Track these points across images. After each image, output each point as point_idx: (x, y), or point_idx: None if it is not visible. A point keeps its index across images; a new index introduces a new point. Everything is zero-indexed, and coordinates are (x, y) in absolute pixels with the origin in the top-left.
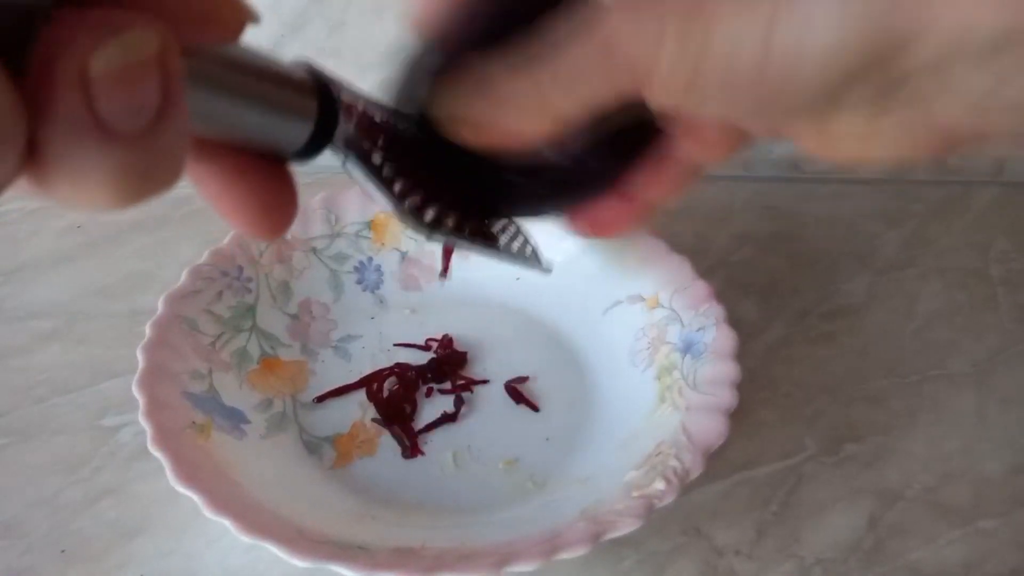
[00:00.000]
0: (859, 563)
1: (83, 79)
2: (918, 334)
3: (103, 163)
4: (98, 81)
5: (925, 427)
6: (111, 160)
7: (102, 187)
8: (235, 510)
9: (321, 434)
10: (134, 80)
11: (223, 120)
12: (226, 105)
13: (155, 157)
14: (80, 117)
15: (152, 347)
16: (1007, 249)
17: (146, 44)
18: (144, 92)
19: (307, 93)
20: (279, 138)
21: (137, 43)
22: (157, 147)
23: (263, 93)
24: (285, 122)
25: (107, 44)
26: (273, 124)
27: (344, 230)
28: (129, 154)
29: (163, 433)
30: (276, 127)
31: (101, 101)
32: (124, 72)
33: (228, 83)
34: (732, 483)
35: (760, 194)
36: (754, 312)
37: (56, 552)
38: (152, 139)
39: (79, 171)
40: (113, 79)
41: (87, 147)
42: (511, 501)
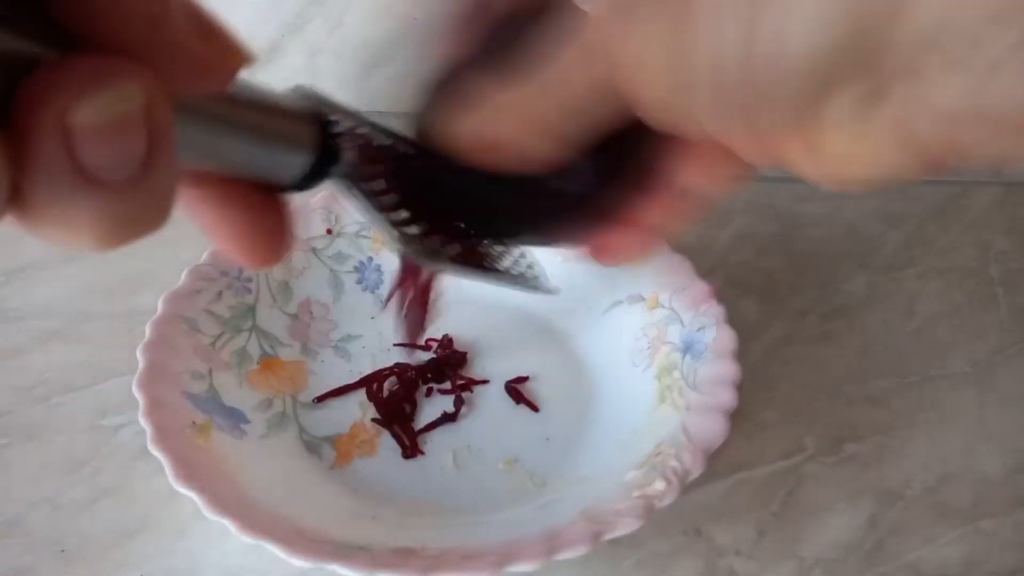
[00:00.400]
0: (859, 563)
1: (65, 131)
2: (918, 334)
3: (87, 210)
4: (79, 132)
5: (925, 427)
6: (95, 207)
7: (86, 232)
8: (235, 510)
9: (321, 434)
10: (118, 133)
11: (217, 155)
12: (221, 141)
13: (141, 203)
14: (62, 167)
15: (152, 347)
16: (1006, 249)
17: (131, 98)
18: (128, 145)
19: (305, 127)
20: (276, 171)
21: (122, 97)
22: (143, 194)
23: (259, 128)
24: (282, 156)
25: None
26: (270, 158)
27: (344, 230)
28: (114, 202)
29: (163, 433)
30: (273, 161)
31: (84, 152)
32: (106, 126)
33: (223, 119)
34: (732, 483)
35: (760, 194)
36: (754, 312)
37: (56, 552)
38: (137, 187)
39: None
40: (95, 132)
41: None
42: (511, 501)
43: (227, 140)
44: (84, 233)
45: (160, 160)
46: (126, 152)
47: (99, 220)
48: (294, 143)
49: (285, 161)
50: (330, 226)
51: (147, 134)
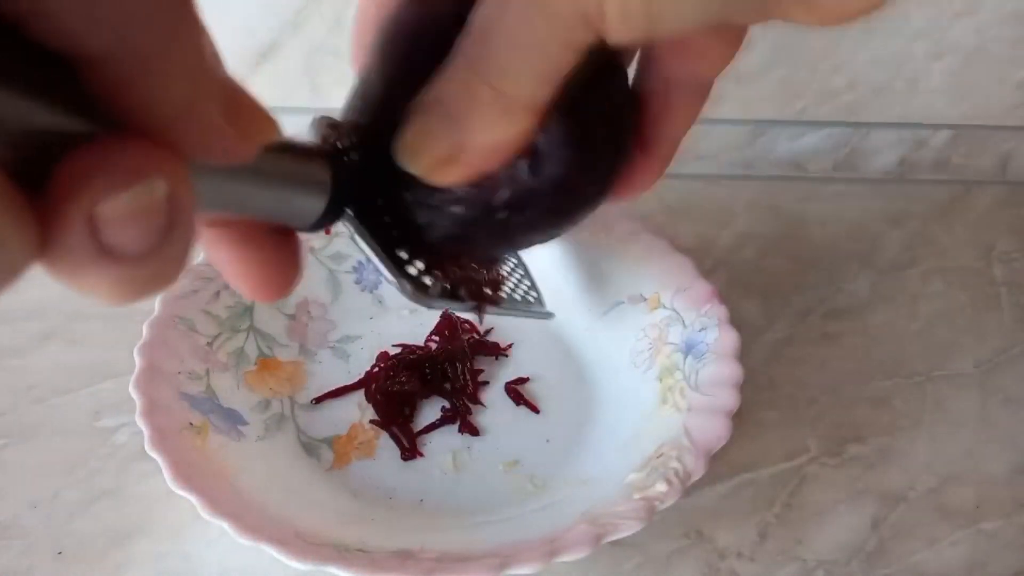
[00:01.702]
0: (862, 565)
1: (89, 218)
2: (921, 334)
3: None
4: (104, 220)
5: (928, 428)
6: (113, 275)
7: (105, 292)
8: (233, 512)
9: (319, 435)
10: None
11: (235, 205)
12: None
13: (158, 269)
14: (84, 246)
15: (149, 348)
16: (1009, 249)
17: (155, 191)
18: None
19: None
20: (292, 215)
21: (145, 192)
22: (159, 262)
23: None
24: (299, 202)
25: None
26: (287, 205)
27: (342, 230)
28: (131, 270)
29: (160, 434)
30: (290, 207)
31: (106, 235)
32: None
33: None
34: (734, 485)
35: (762, 194)
36: (756, 312)
37: (53, 553)
38: (155, 257)
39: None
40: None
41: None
42: (511, 503)
43: (244, 192)
44: (100, 294)
45: (178, 233)
46: (146, 234)
47: (115, 285)
48: (310, 189)
49: (301, 206)
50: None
51: (168, 218)
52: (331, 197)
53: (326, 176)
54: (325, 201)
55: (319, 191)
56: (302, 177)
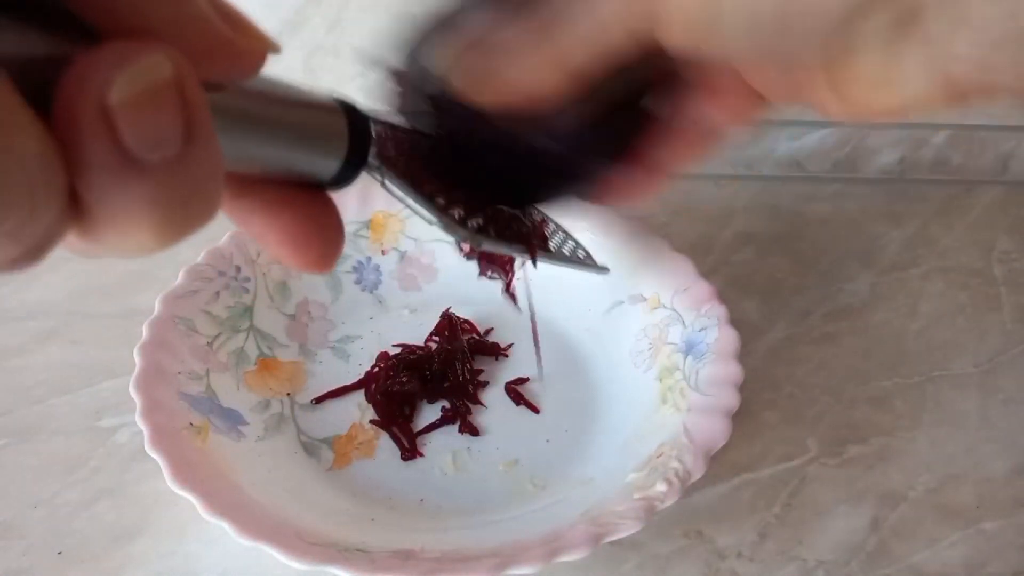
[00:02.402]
0: (862, 565)
1: (103, 112)
2: (921, 334)
3: (139, 197)
4: (117, 112)
5: (928, 428)
6: (146, 194)
7: (143, 225)
8: (233, 512)
9: (319, 435)
10: (152, 106)
11: (254, 153)
12: (256, 137)
13: (190, 187)
14: (108, 153)
15: (149, 348)
16: (1010, 249)
17: (158, 69)
18: (166, 118)
19: (336, 119)
20: (313, 166)
21: (149, 70)
22: (189, 176)
23: (292, 123)
24: (317, 150)
25: (120, 75)
26: (305, 153)
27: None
28: (163, 186)
29: (160, 434)
30: (309, 156)
31: (124, 132)
32: (141, 100)
33: (255, 115)
34: (734, 485)
35: (762, 194)
36: (756, 312)
37: (53, 553)
38: (183, 168)
39: (118, 212)
40: (132, 108)
41: (120, 184)
42: (511, 503)
43: (262, 137)
44: (140, 227)
45: (199, 138)
46: (164, 127)
47: (152, 209)
48: (328, 136)
49: (320, 155)
50: None
51: (183, 110)
52: (350, 146)
53: (342, 123)
54: (343, 150)
55: (337, 136)
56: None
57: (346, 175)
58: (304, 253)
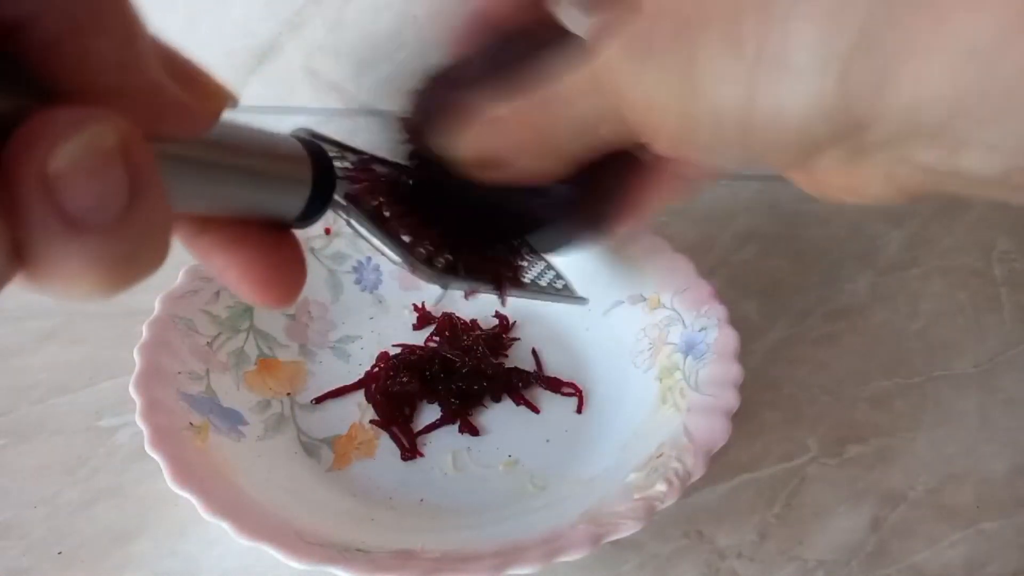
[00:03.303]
0: (862, 565)
1: (44, 179)
2: (921, 334)
3: (81, 255)
4: (58, 179)
5: (928, 428)
6: (88, 252)
7: (85, 279)
8: (233, 512)
9: (319, 436)
10: (94, 174)
11: (213, 197)
12: (215, 183)
13: (134, 244)
14: (49, 216)
15: (149, 348)
16: (1009, 249)
17: (103, 138)
18: (109, 184)
19: (300, 163)
20: (275, 208)
21: (93, 139)
22: (134, 234)
23: (253, 167)
24: (279, 193)
25: (64, 145)
26: (266, 196)
27: (343, 230)
28: (106, 244)
29: (160, 434)
30: (270, 198)
31: (65, 197)
32: (83, 167)
33: (214, 162)
34: (734, 485)
35: (762, 193)
36: (756, 312)
37: (53, 554)
38: (126, 226)
39: (61, 266)
40: (73, 176)
41: (62, 242)
42: (511, 503)
43: (220, 182)
44: (83, 280)
45: (144, 197)
46: (107, 193)
47: (92, 266)
48: (290, 179)
49: (282, 197)
50: (328, 226)
51: (127, 173)
52: (313, 188)
53: (306, 164)
54: (305, 193)
55: (299, 178)
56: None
57: (309, 215)
58: (264, 290)
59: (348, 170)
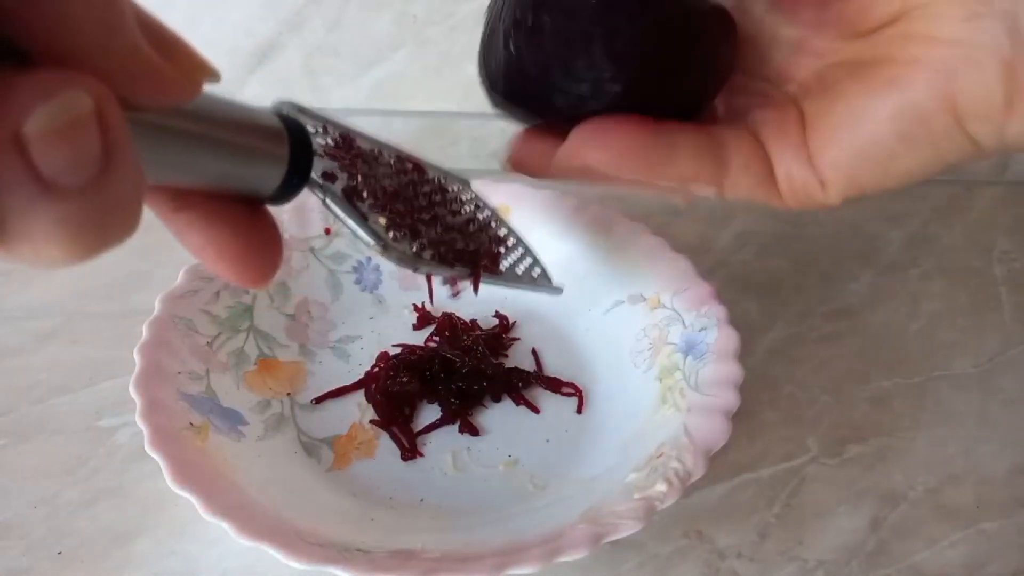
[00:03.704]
0: (862, 565)
1: (17, 141)
2: (921, 334)
3: (52, 219)
4: (32, 142)
5: (928, 428)
6: (60, 216)
7: (56, 244)
8: (233, 512)
9: (319, 436)
10: (68, 137)
11: (187, 169)
12: (191, 154)
13: (106, 209)
14: (21, 177)
15: (149, 348)
16: (1009, 249)
17: (77, 104)
18: (83, 148)
19: (277, 139)
20: (252, 183)
21: (68, 104)
22: (106, 199)
23: (230, 141)
24: (256, 168)
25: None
26: (242, 170)
27: (342, 230)
28: (78, 207)
29: (160, 434)
30: (246, 172)
31: (38, 160)
32: (57, 131)
33: (191, 133)
34: (734, 485)
35: None
36: (756, 312)
37: (53, 553)
38: (99, 191)
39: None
40: (48, 139)
41: (33, 206)
42: (511, 503)
43: (196, 153)
44: (53, 246)
45: (117, 162)
46: (80, 156)
47: (63, 230)
48: (266, 155)
49: (259, 171)
50: (329, 225)
51: (100, 137)
52: (290, 165)
53: (283, 141)
54: (282, 169)
55: (277, 155)
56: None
57: (286, 192)
58: (242, 269)
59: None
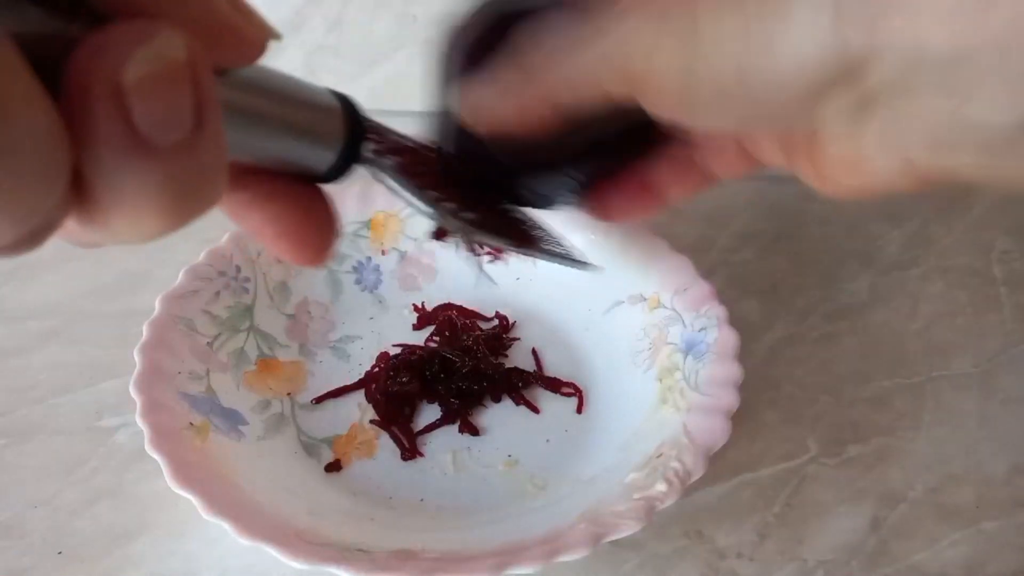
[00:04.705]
0: (861, 565)
1: (117, 91)
2: (921, 334)
3: (147, 181)
4: (132, 91)
5: (928, 428)
6: (154, 177)
7: (149, 207)
8: (233, 512)
9: (319, 435)
10: (167, 87)
11: (251, 143)
12: (253, 128)
13: (198, 171)
14: (119, 131)
15: (149, 348)
16: (1009, 249)
17: (174, 49)
18: (178, 100)
19: (333, 113)
20: (308, 158)
21: (165, 49)
22: (198, 161)
23: (289, 114)
24: (313, 142)
25: (136, 53)
26: (301, 145)
27: (342, 230)
28: (172, 169)
29: (161, 434)
30: (304, 148)
31: (137, 111)
32: (157, 79)
33: (254, 106)
34: (734, 485)
35: (762, 193)
36: (756, 312)
37: (53, 553)
38: (192, 152)
39: (125, 194)
40: (146, 87)
41: (130, 165)
42: (511, 503)
43: (259, 127)
44: (147, 210)
45: (208, 122)
46: (176, 109)
47: (159, 192)
48: (324, 129)
49: (315, 146)
50: None
51: (193, 92)
52: (346, 140)
53: (339, 117)
54: (340, 143)
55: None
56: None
57: (341, 168)
58: (300, 247)
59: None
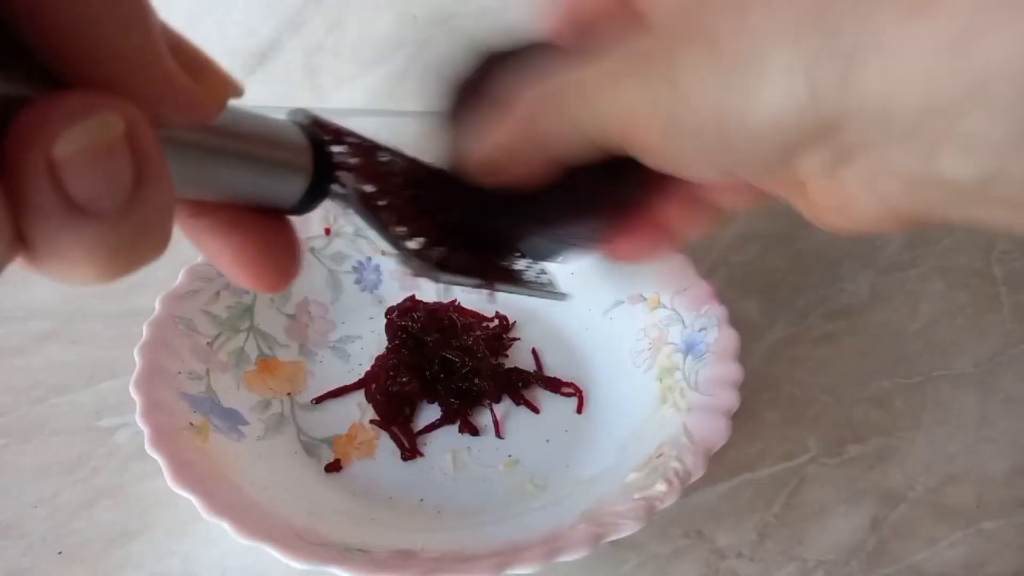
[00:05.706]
0: (861, 565)
1: (49, 165)
2: (921, 334)
3: (84, 242)
4: (65, 165)
5: (928, 428)
6: (90, 239)
7: (86, 265)
8: (233, 512)
9: (319, 435)
10: (102, 160)
11: (212, 184)
12: (214, 169)
13: (138, 231)
14: (52, 202)
15: (149, 348)
16: (1009, 249)
17: (110, 126)
18: (114, 171)
19: (300, 151)
20: (274, 195)
21: (99, 126)
22: (138, 221)
23: (254, 155)
24: (278, 180)
25: (72, 128)
26: (265, 183)
27: (342, 230)
28: (110, 231)
29: (161, 434)
30: (269, 186)
31: (71, 184)
32: (90, 153)
33: (215, 148)
34: (734, 485)
35: None
36: (756, 312)
37: (54, 553)
38: (131, 214)
39: (64, 251)
40: (79, 161)
41: (65, 228)
42: (511, 503)
43: (220, 169)
44: (84, 266)
45: (149, 187)
46: (112, 180)
47: (96, 252)
48: (289, 167)
49: (281, 185)
50: (329, 226)
51: (132, 161)
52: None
53: (306, 153)
54: (304, 182)
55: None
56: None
57: (307, 203)
58: (258, 275)
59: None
